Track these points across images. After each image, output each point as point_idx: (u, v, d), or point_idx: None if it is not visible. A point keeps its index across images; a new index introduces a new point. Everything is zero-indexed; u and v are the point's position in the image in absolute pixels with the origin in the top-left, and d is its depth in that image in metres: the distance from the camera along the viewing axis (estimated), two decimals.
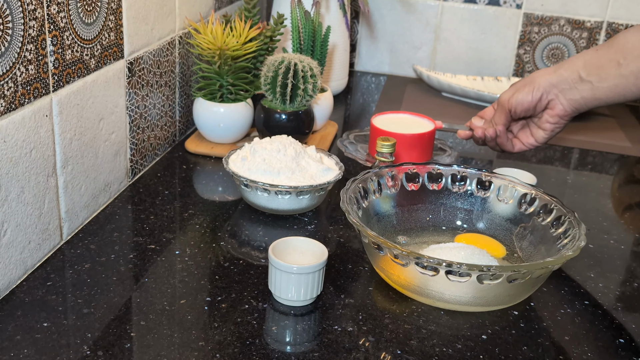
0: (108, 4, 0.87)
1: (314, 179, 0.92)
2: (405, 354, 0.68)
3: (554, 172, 1.18)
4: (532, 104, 0.97)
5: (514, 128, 1.04)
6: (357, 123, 1.38)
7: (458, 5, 1.59)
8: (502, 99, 1.00)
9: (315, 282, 0.73)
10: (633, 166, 1.24)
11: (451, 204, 0.91)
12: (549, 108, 0.97)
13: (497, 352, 0.69)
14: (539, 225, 0.84)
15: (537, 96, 0.96)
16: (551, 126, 0.99)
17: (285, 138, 0.95)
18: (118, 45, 0.91)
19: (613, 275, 0.86)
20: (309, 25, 1.17)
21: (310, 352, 0.67)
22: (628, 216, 1.05)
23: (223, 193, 1.00)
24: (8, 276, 0.72)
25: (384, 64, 1.68)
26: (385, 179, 0.89)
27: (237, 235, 0.89)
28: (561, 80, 0.95)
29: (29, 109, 0.73)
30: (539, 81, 0.96)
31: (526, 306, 0.77)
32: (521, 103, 0.97)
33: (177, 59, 1.12)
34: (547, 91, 0.96)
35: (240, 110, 1.10)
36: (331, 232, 0.91)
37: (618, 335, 0.74)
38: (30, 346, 0.65)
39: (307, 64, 1.07)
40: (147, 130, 1.03)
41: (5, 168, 0.70)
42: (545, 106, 0.97)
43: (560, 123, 0.98)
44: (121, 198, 0.95)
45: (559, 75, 0.95)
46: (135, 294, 0.75)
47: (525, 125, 1.03)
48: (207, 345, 0.67)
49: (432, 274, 0.72)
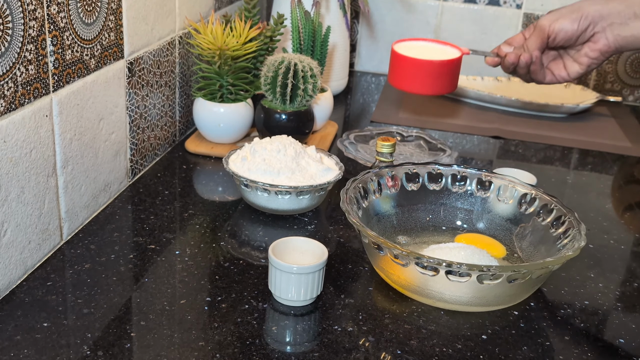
0: (108, 4, 0.87)
1: (314, 179, 0.92)
2: (405, 354, 0.68)
3: (554, 172, 1.18)
4: (576, 34, 0.91)
5: (545, 58, 0.98)
6: (357, 123, 1.38)
7: (458, 5, 1.59)
8: (542, 23, 0.93)
9: (315, 282, 0.73)
10: (633, 166, 1.24)
11: (451, 204, 0.91)
12: (591, 41, 0.91)
13: (497, 352, 0.69)
14: (539, 225, 0.84)
15: (584, 26, 0.90)
16: (589, 61, 0.93)
17: (285, 138, 0.95)
18: (118, 46, 0.91)
19: (613, 275, 0.86)
20: (309, 25, 1.17)
21: (310, 352, 0.67)
22: (628, 216, 1.05)
23: (223, 193, 1.00)
24: (8, 276, 0.72)
25: (384, 64, 1.68)
26: (385, 179, 0.89)
27: (237, 235, 0.89)
28: (613, 13, 0.88)
29: (29, 109, 0.73)
30: (588, 10, 0.90)
31: (526, 306, 0.77)
32: (564, 30, 0.91)
33: (177, 59, 1.12)
34: (594, 22, 0.89)
35: (240, 110, 1.10)
36: (331, 232, 0.91)
37: (618, 335, 0.74)
38: (30, 346, 0.65)
39: (307, 64, 1.07)
40: (147, 130, 1.03)
41: (5, 168, 0.70)
42: (589, 38, 0.91)
43: (599, 59, 0.93)
44: (121, 198, 0.95)
45: (611, 8, 0.89)
46: (135, 294, 0.75)
47: (558, 57, 0.97)
48: (207, 345, 0.67)
49: (432, 274, 0.72)
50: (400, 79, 0.99)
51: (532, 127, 1.36)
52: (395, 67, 0.98)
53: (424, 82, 0.96)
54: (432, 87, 0.97)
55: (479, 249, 0.80)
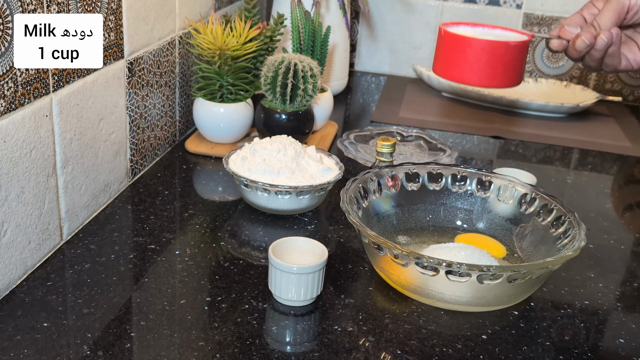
0: (108, 4, 0.87)
1: (314, 179, 0.92)
2: (405, 354, 0.68)
3: (554, 172, 1.18)
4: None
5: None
6: (357, 123, 1.38)
7: (458, 5, 1.59)
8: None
9: (315, 282, 0.73)
10: (633, 166, 1.24)
11: (451, 204, 0.91)
12: None
13: (497, 352, 0.69)
14: (539, 225, 0.84)
15: None
16: None
17: (285, 138, 0.95)
18: (118, 45, 0.91)
19: (613, 275, 0.86)
20: (309, 25, 1.17)
21: (310, 352, 0.67)
22: (628, 216, 1.05)
23: (223, 193, 1.00)
24: (8, 276, 0.72)
25: (384, 64, 1.68)
26: (385, 179, 0.89)
27: (237, 235, 0.89)
28: None
29: (29, 109, 0.73)
30: None
31: (526, 306, 0.77)
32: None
33: (177, 59, 1.12)
34: None
35: (240, 110, 1.10)
36: (331, 232, 0.91)
37: (618, 335, 0.74)
38: (30, 346, 0.65)
39: (307, 64, 1.07)
40: (147, 130, 1.03)
41: (5, 168, 0.70)
42: None
43: None
44: (121, 198, 0.95)
45: None
46: (135, 294, 0.75)
47: (628, 39, 0.83)
48: (207, 345, 0.67)
49: (432, 274, 0.72)
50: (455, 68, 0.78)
51: (532, 127, 1.36)
52: (450, 52, 0.78)
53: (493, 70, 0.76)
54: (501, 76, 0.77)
55: (479, 249, 0.80)
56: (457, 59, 0.77)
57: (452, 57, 0.77)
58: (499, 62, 0.75)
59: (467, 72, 0.77)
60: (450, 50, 0.78)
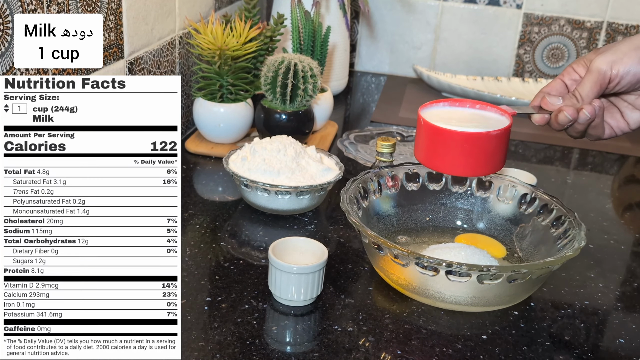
0: (108, 4, 0.87)
1: (314, 179, 0.92)
2: (405, 354, 0.68)
3: (554, 172, 1.18)
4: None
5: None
6: (357, 123, 1.38)
7: (458, 5, 1.59)
8: (599, 66, 0.74)
9: (315, 282, 0.73)
10: (633, 166, 1.24)
11: (451, 204, 0.91)
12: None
13: (497, 352, 0.69)
14: (539, 225, 0.84)
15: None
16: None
17: (285, 138, 0.95)
18: (118, 45, 0.91)
19: (613, 275, 0.86)
20: (309, 25, 1.17)
21: (310, 352, 0.67)
22: (628, 216, 1.05)
23: (223, 193, 1.00)
24: None
25: (384, 64, 1.68)
26: (385, 179, 0.89)
27: (237, 235, 0.89)
28: None
29: None
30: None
31: (526, 306, 0.77)
32: (632, 73, 0.74)
33: (177, 59, 1.12)
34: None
35: (240, 110, 1.10)
36: (331, 232, 0.91)
37: (618, 335, 0.74)
38: None
39: (307, 64, 1.07)
40: None
41: None
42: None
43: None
44: None
45: None
46: None
47: (610, 105, 0.81)
48: (207, 345, 0.67)
49: (432, 274, 0.72)
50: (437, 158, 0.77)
51: (532, 127, 1.36)
52: (430, 142, 0.76)
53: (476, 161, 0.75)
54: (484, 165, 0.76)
55: (479, 249, 0.80)
56: (439, 149, 0.75)
57: (434, 147, 0.76)
58: (481, 152, 0.75)
59: (450, 163, 0.76)
60: (431, 141, 0.76)
